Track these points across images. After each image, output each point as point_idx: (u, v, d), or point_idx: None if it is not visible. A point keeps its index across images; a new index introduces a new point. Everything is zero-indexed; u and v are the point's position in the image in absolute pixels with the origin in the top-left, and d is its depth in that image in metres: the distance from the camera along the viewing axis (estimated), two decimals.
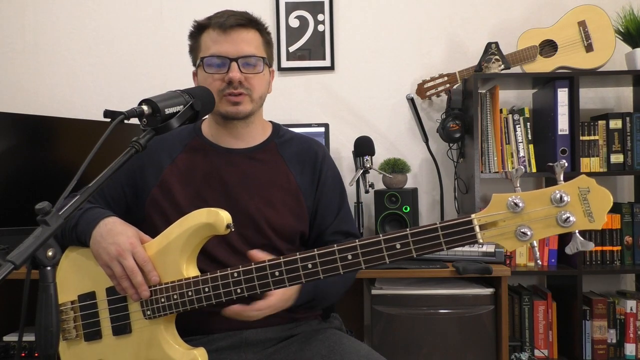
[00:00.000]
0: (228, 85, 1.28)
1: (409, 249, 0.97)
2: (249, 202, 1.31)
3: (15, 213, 2.07)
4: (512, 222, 0.89)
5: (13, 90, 2.62)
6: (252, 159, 1.36)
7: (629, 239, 2.31)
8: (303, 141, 1.43)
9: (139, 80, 2.62)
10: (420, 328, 1.85)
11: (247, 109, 1.31)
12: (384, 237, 0.99)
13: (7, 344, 2.03)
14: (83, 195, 0.94)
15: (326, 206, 1.39)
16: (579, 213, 0.86)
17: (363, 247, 1.01)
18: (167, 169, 1.34)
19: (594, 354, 2.26)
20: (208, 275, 1.13)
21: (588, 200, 0.86)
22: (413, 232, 0.97)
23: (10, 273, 0.77)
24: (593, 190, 0.87)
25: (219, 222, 1.12)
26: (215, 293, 1.12)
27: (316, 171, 1.39)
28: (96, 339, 1.24)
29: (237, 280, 1.10)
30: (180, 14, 2.61)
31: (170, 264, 1.16)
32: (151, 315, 1.17)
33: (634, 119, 2.31)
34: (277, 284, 1.08)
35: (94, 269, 1.23)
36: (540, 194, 0.88)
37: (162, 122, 1.04)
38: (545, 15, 2.52)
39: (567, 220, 0.86)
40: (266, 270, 1.08)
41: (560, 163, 0.88)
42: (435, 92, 2.46)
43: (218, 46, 1.28)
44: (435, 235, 0.95)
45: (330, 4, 2.59)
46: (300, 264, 1.06)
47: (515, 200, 0.87)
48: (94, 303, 1.24)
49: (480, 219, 0.91)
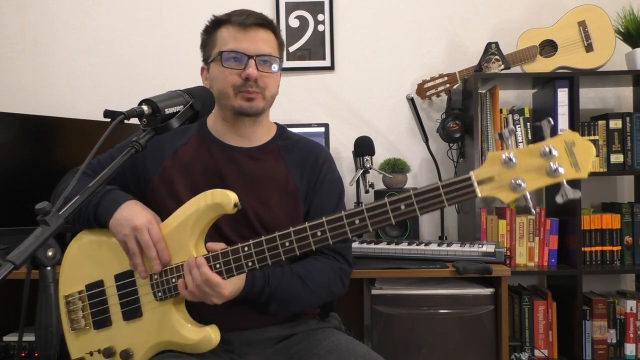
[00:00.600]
0: (244, 82, 1.29)
1: (413, 209, 1.03)
2: (243, 200, 1.32)
3: (15, 213, 2.07)
4: (506, 176, 0.96)
5: (13, 90, 2.62)
6: (253, 158, 1.36)
7: (629, 239, 2.31)
8: (307, 145, 1.43)
9: (139, 80, 2.62)
10: (420, 328, 1.85)
11: (260, 106, 1.33)
12: (389, 200, 1.04)
13: (7, 344, 2.03)
14: (83, 195, 0.94)
15: (322, 209, 1.35)
16: (566, 164, 0.94)
17: (370, 211, 1.06)
18: (169, 159, 1.34)
19: (594, 354, 2.26)
20: (219, 251, 1.16)
21: (574, 153, 0.94)
22: (416, 193, 1.02)
23: (10, 273, 0.77)
24: (578, 143, 0.94)
25: (227, 201, 1.15)
26: (227, 268, 1.14)
27: (314, 173, 1.39)
28: (106, 326, 1.27)
29: (248, 254, 1.13)
30: (180, 14, 2.61)
31: (180, 244, 1.19)
32: (162, 296, 1.20)
33: (634, 119, 2.31)
34: (288, 253, 1.12)
35: (100, 258, 1.27)
36: (531, 149, 0.96)
37: (162, 122, 1.04)
38: (545, 15, 2.53)
39: (556, 171, 0.93)
40: (276, 241, 1.12)
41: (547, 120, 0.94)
42: (435, 92, 2.46)
43: (237, 42, 1.30)
44: (437, 194, 1.01)
45: (330, 4, 2.59)
46: (310, 232, 1.10)
47: (509, 156, 0.95)
48: (102, 290, 1.27)
49: (478, 175, 0.98)
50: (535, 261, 2.32)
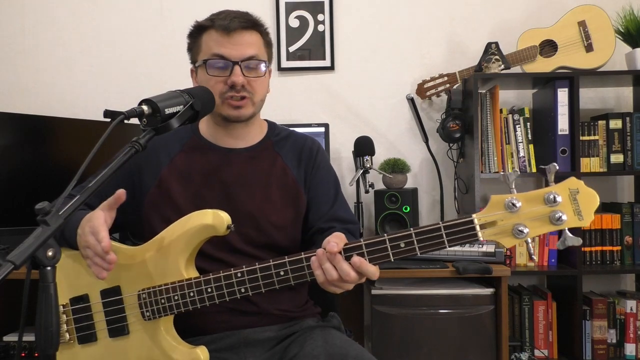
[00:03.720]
0: (230, 89, 1.28)
1: (413, 247, 1.01)
2: (248, 201, 1.31)
3: (15, 213, 2.06)
4: (509, 221, 0.95)
5: (13, 90, 2.62)
6: (250, 158, 1.36)
7: (629, 239, 2.31)
8: (299, 137, 1.44)
9: (139, 80, 2.61)
10: (420, 328, 1.85)
11: (248, 113, 1.31)
12: (389, 236, 1.02)
13: (7, 344, 2.03)
14: (83, 195, 0.94)
15: (322, 194, 1.39)
16: (569, 212, 0.94)
17: (368, 247, 1.03)
18: (165, 168, 1.33)
19: (594, 354, 2.26)
20: (211, 276, 1.13)
21: (577, 201, 0.94)
22: (417, 232, 1.00)
23: (10, 273, 0.77)
24: (582, 191, 0.94)
25: (220, 223, 1.13)
26: (219, 293, 1.13)
27: (310, 162, 1.40)
28: (91, 342, 1.24)
29: (240, 280, 1.11)
30: (180, 14, 2.61)
31: (170, 264, 1.17)
32: (151, 316, 1.18)
33: (634, 119, 2.31)
34: (282, 282, 1.10)
35: (86, 271, 1.22)
36: (534, 195, 0.95)
37: (162, 122, 1.04)
38: (545, 15, 2.52)
39: (559, 219, 0.93)
40: (271, 270, 1.10)
41: (552, 165, 0.93)
42: (435, 92, 2.46)
43: (221, 48, 1.27)
44: (439, 235, 0.99)
45: (330, 4, 2.59)
46: (305, 263, 1.07)
47: (512, 201, 0.94)
48: (87, 306, 1.24)
49: (480, 219, 0.97)
50: (535, 261, 2.32)
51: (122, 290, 1.21)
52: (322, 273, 1.03)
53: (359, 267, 1.01)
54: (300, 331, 1.33)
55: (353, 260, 1.01)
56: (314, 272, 1.05)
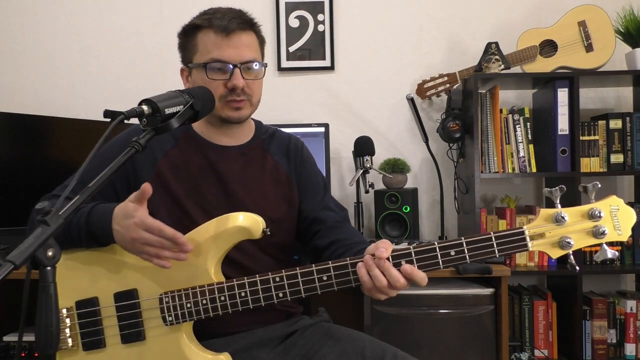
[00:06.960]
0: (230, 92, 1.28)
1: (464, 256, 1.04)
2: (246, 197, 1.32)
3: (15, 213, 2.07)
4: (557, 233, 1.03)
5: (13, 90, 2.62)
6: (244, 155, 1.37)
7: (629, 239, 2.31)
8: (283, 135, 1.47)
9: (139, 80, 2.62)
10: (420, 328, 1.85)
11: (247, 114, 1.33)
12: (439, 244, 1.05)
13: (7, 344, 2.03)
14: (83, 195, 0.94)
15: (313, 185, 1.42)
16: (610, 227, 1.02)
17: (418, 254, 1.05)
18: (160, 162, 1.32)
19: (594, 354, 2.26)
20: (245, 280, 1.11)
21: (617, 217, 1.03)
22: (468, 241, 1.04)
23: (10, 273, 0.77)
24: (621, 209, 1.03)
25: (255, 226, 1.12)
26: (254, 298, 1.11)
27: (298, 156, 1.43)
28: (98, 348, 1.18)
29: (279, 285, 1.10)
30: (180, 14, 2.60)
31: (199, 267, 1.13)
32: (173, 321, 1.14)
33: (634, 119, 2.31)
34: (324, 288, 1.09)
35: (97, 273, 1.18)
36: (580, 210, 1.03)
37: (162, 122, 1.04)
38: (545, 15, 2.53)
39: (603, 233, 1.02)
40: (313, 275, 1.09)
41: (595, 183, 1.02)
42: (435, 92, 2.46)
43: (220, 51, 1.26)
44: (489, 244, 1.04)
45: (330, 4, 2.59)
46: (351, 269, 1.08)
47: (561, 214, 1.02)
48: (96, 310, 1.18)
49: (530, 230, 1.03)
50: (535, 261, 2.32)
51: (139, 294, 1.16)
52: (369, 279, 1.04)
53: (409, 275, 1.03)
54: (302, 327, 1.34)
55: (404, 268, 1.03)
56: (361, 279, 1.05)
